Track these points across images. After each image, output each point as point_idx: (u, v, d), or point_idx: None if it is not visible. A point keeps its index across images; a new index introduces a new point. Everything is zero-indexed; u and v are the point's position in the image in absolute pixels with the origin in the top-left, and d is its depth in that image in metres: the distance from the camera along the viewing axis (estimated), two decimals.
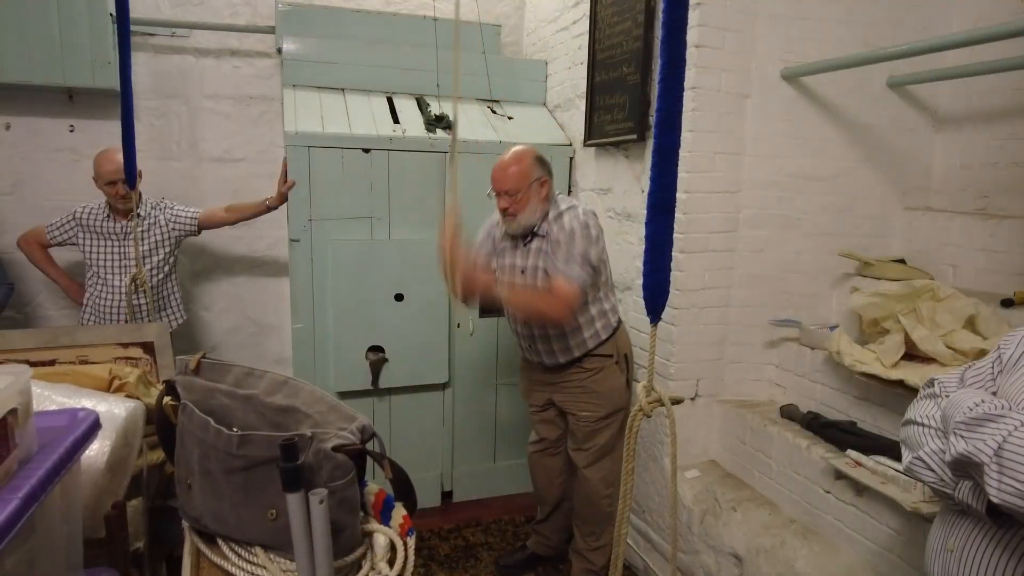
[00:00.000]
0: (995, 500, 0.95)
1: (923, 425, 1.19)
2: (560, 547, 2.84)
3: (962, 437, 1.03)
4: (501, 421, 3.35)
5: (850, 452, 2.02)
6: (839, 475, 2.02)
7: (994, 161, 2.42)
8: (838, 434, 2.13)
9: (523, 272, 2.39)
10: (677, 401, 2.73)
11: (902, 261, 2.51)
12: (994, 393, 1.16)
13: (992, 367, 1.20)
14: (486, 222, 2.58)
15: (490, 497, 3.38)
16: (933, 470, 1.13)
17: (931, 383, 1.27)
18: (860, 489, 1.96)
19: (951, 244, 2.44)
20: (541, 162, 2.33)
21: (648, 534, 2.75)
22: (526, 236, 2.37)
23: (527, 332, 2.45)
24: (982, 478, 0.97)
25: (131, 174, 2.33)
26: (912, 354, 2.06)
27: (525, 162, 2.28)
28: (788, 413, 2.39)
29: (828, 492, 2.08)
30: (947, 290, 2.09)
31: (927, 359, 2.02)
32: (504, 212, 2.32)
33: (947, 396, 1.18)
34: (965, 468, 1.04)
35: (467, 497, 3.35)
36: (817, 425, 2.23)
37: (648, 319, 1.15)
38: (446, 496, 3.34)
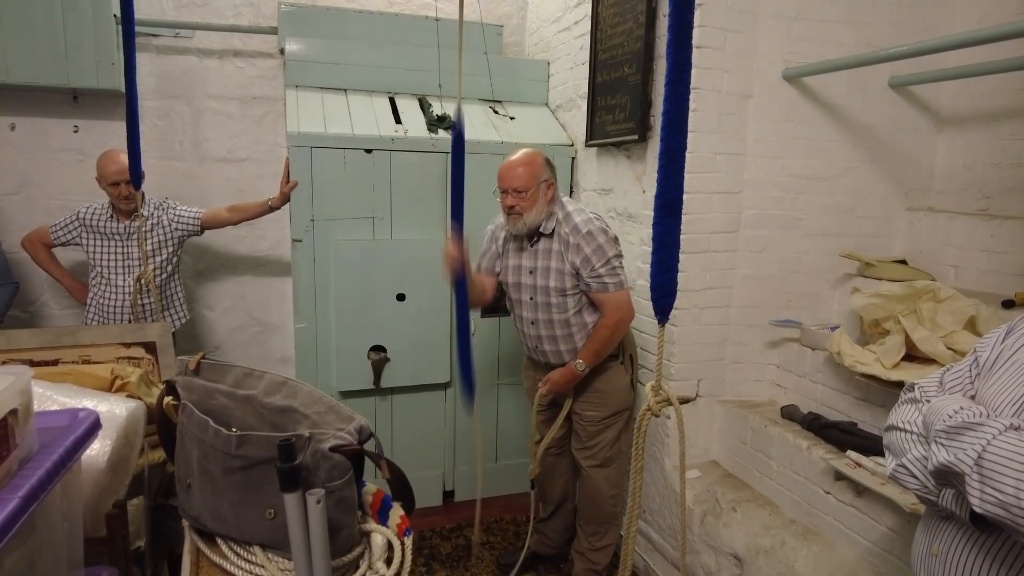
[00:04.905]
0: (978, 510, 0.94)
1: (905, 431, 1.17)
2: (561, 547, 2.85)
3: (943, 446, 1.01)
4: (503, 421, 3.36)
5: (850, 453, 2.02)
6: (839, 476, 2.02)
7: (996, 162, 2.41)
8: (838, 435, 2.13)
9: (531, 272, 2.39)
10: (685, 400, 2.74)
11: (903, 262, 2.51)
12: (972, 397, 1.15)
13: (970, 370, 1.19)
14: (489, 227, 2.59)
15: (492, 496, 3.39)
16: (916, 477, 1.11)
17: (911, 387, 1.26)
18: (860, 490, 1.96)
19: (953, 245, 2.44)
20: (549, 165, 2.37)
21: (649, 534, 2.75)
22: (532, 237, 2.39)
23: (534, 332, 2.45)
24: (964, 488, 0.96)
25: (136, 175, 2.34)
26: (912, 355, 2.06)
27: (536, 163, 2.32)
28: (789, 414, 2.39)
29: (828, 493, 2.08)
30: (948, 291, 2.08)
31: (927, 360, 2.02)
32: (510, 210, 2.33)
33: (927, 401, 1.17)
34: (947, 477, 1.02)
35: (469, 496, 3.36)
36: (817, 426, 2.23)
37: (654, 319, 1.16)
38: (448, 495, 3.35)
